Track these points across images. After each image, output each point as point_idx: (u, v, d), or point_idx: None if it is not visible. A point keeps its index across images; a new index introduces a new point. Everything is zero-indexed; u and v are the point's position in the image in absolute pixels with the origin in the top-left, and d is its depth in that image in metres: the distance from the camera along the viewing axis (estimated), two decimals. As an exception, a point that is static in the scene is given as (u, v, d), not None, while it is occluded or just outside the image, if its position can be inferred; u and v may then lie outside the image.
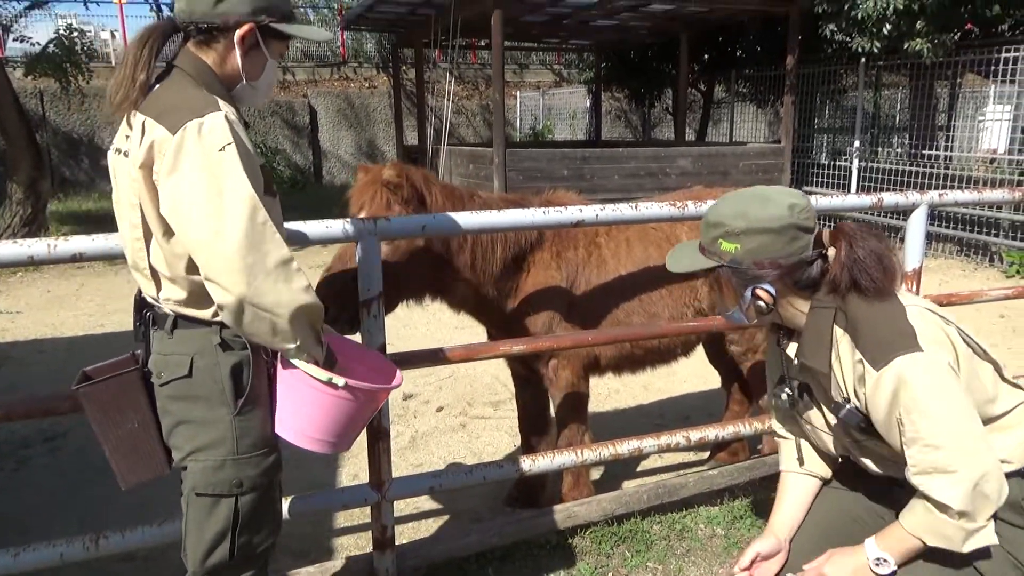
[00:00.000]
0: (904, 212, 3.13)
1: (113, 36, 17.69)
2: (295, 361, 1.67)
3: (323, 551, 3.07)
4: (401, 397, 4.81)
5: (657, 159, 9.64)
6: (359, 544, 3.10)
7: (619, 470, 3.71)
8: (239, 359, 1.69)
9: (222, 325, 1.66)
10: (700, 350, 3.58)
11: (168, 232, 1.60)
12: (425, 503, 3.43)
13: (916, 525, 1.61)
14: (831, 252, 1.72)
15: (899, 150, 10.54)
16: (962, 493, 1.53)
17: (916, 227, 3.10)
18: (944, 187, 9.11)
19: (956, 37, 8.98)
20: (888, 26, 8.82)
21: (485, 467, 2.72)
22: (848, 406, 1.71)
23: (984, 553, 1.64)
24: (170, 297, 1.66)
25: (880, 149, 10.62)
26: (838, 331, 1.70)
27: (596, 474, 3.63)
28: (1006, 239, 8.82)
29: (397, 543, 2.67)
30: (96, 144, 16.06)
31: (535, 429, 3.31)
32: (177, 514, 1.92)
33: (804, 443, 2.02)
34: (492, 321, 3.02)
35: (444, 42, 9.32)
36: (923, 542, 1.61)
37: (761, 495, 3.22)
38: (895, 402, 1.59)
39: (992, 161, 10.02)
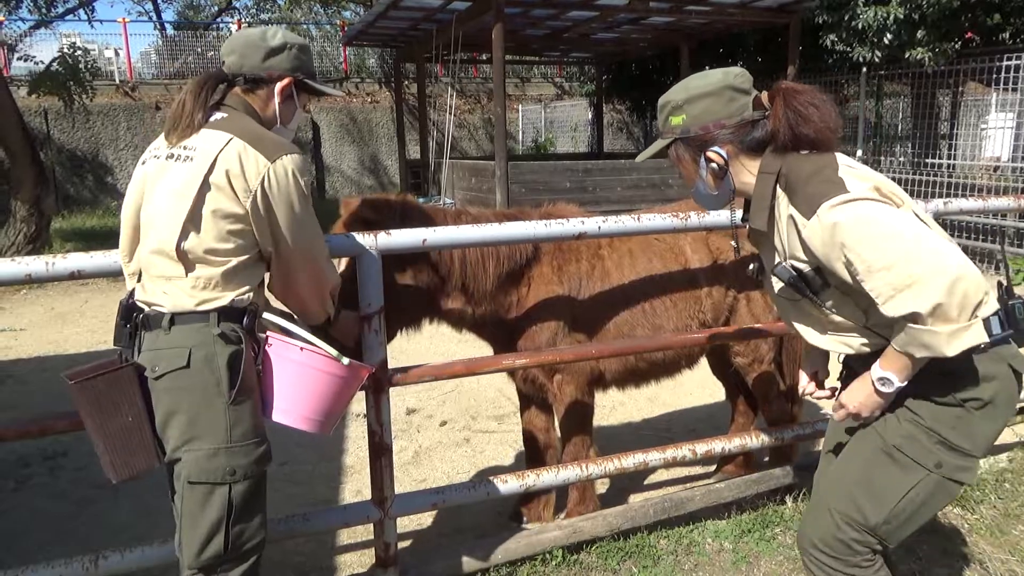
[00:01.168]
0: (909, 221, 3.11)
1: (117, 54, 17.81)
2: (310, 338, 1.92)
3: (325, 569, 3.04)
4: (404, 412, 4.78)
5: (659, 170, 9.64)
6: (362, 561, 3.06)
7: (625, 484, 3.67)
8: (235, 351, 1.84)
9: (220, 317, 1.83)
10: (705, 362, 3.55)
11: (230, 225, 1.84)
12: (428, 519, 3.40)
13: (902, 342, 1.65)
14: (777, 106, 1.78)
15: (902, 159, 10.52)
16: (924, 298, 1.55)
17: (921, 236, 3.09)
18: (947, 195, 9.08)
19: (957, 46, 8.99)
20: (889, 35, 8.85)
21: (489, 483, 2.69)
22: (783, 263, 1.79)
23: (904, 435, 1.75)
24: (201, 276, 1.84)
25: (883, 158, 10.59)
26: (779, 192, 1.78)
27: (602, 488, 3.59)
28: (1011, 247, 8.77)
29: (400, 560, 2.63)
30: (100, 161, 16.15)
31: (540, 443, 3.28)
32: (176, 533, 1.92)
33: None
34: (495, 337, 2.99)
35: (446, 56, 9.36)
36: (912, 357, 1.66)
37: (769, 508, 3.18)
38: (833, 244, 1.63)
39: (995, 169, 9.99)
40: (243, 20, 23.87)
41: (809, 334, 1.89)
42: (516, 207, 3.97)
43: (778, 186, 1.77)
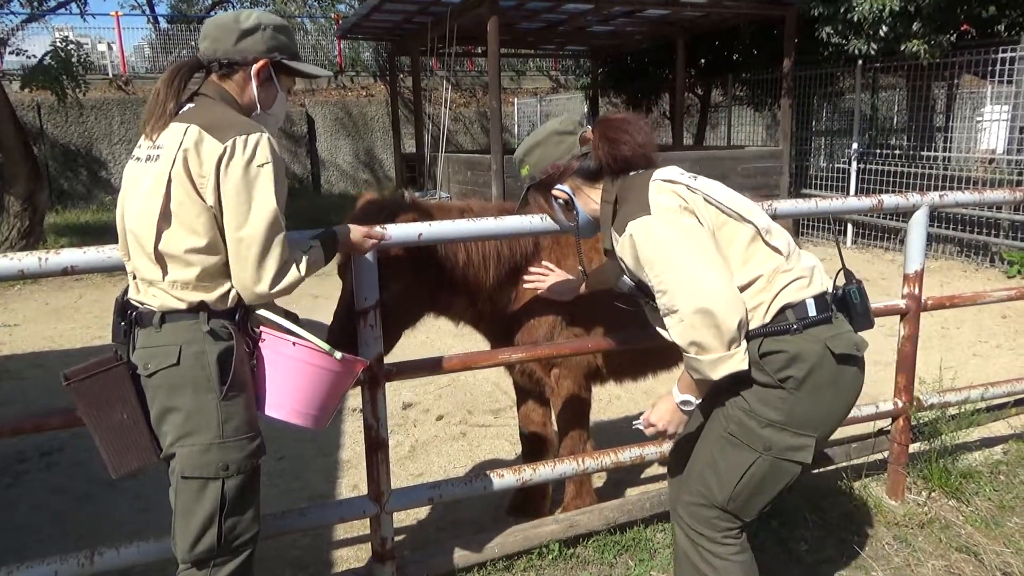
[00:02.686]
0: (905, 214, 3.12)
1: (110, 48, 17.70)
2: (303, 333, 1.90)
3: (322, 563, 3.04)
4: (400, 406, 4.78)
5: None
6: (358, 556, 3.07)
7: (622, 477, 3.68)
8: (225, 347, 1.84)
9: (210, 315, 1.83)
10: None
11: (197, 219, 1.78)
12: (425, 513, 3.40)
13: (684, 364, 1.87)
14: (595, 138, 2.00)
15: (897, 152, 10.52)
16: (683, 328, 1.76)
17: (917, 229, 3.09)
18: (943, 188, 9.10)
19: (952, 38, 8.98)
20: (884, 28, 8.83)
21: (486, 477, 2.69)
22: (623, 276, 2.03)
23: (734, 422, 1.90)
24: (177, 279, 1.81)
25: (878, 151, 10.60)
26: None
27: (598, 482, 3.59)
28: (1006, 239, 8.80)
29: (397, 554, 2.63)
30: (94, 156, 16.06)
31: (536, 437, 3.28)
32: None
33: None
34: (493, 332, 2.99)
35: (441, 50, 9.33)
36: (694, 377, 1.86)
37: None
38: (636, 260, 1.85)
39: (991, 162, 10.01)
40: (237, 13, 23.70)
41: (667, 334, 1.98)
42: (511, 202, 3.96)
43: (615, 209, 1.98)
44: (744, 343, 1.77)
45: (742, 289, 1.85)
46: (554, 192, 2.09)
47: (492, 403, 4.86)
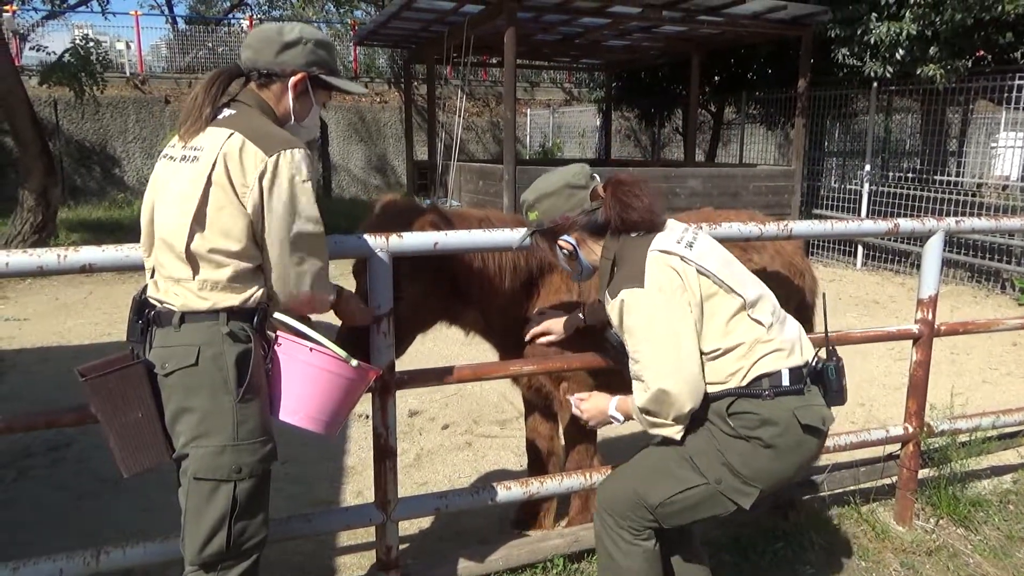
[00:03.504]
0: (919, 238, 3.11)
1: (128, 47, 17.85)
2: (320, 339, 1.91)
3: (325, 570, 3.03)
4: (407, 414, 4.77)
5: (667, 179, 9.62)
6: (361, 564, 3.05)
7: (626, 493, 3.66)
8: (244, 349, 1.85)
9: (230, 316, 1.84)
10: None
11: (234, 224, 1.82)
12: (428, 522, 3.38)
13: (633, 405, 2.07)
14: (606, 197, 2.10)
15: (910, 175, 10.50)
16: (645, 399, 1.99)
17: (933, 253, 3.08)
18: (955, 213, 9.06)
19: (969, 63, 8.98)
20: (901, 51, 8.84)
21: (493, 489, 2.67)
22: (612, 330, 2.19)
23: (698, 450, 2.05)
24: (208, 279, 1.83)
25: (891, 173, 10.58)
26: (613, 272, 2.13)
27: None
28: (1018, 266, 8.76)
29: (401, 563, 2.62)
30: (108, 153, 16.17)
31: (543, 450, 3.27)
32: (178, 529, 1.94)
33: None
34: (503, 343, 2.98)
35: (456, 59, 9.37)
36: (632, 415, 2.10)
37: (769, 522, 3.16)
38: (620, 324, 2.04)
39: (1004, 188, 9.98)
40: (255, 16, 23.92)
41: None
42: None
43: (614, 267, 2.11)
44: (681, 425, 2.01)
45: (723, 353, 2.02)
46: (560, 243, 2.19)
47: (498, 414, 4.85)
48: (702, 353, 2.01)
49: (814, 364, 2.12)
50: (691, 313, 1.99)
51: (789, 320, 2.19)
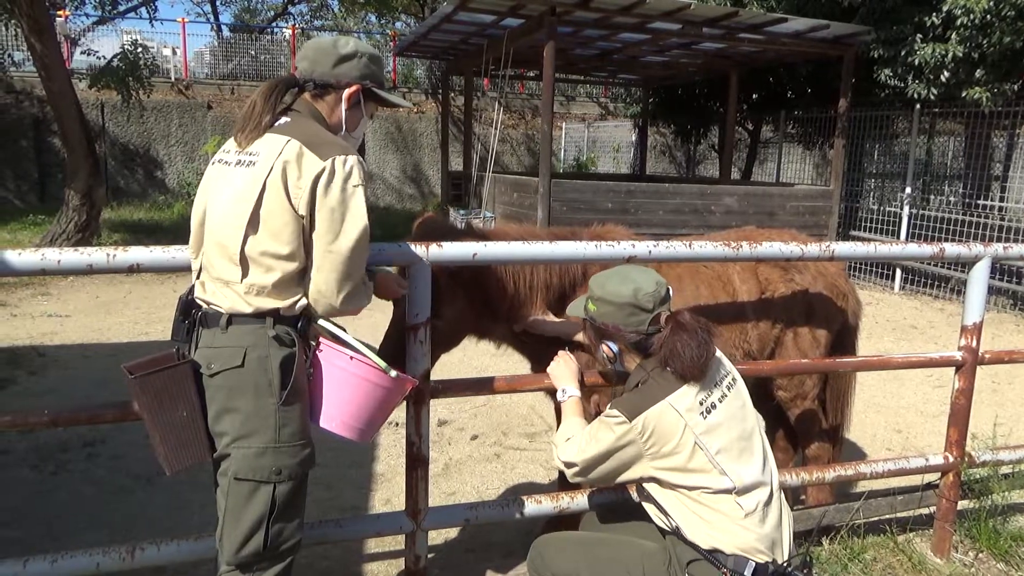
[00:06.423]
0: (962, 263, 3.04)
1: (174, 52, 18.26)
2: (361, 348, 1.95)
3: (352, 576, 3.04)
4: (436, 423, 4.78)
5: (703, 196, 9.56)
6: (388, 571, 3.06)
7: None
8: (289, 353, 1.89)
9: (276, 320, 1.87)
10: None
11: (285, 227, 1.85)
12: (456, 533, 3.38)
13: (561, 432, 2.30)
14: (663, 333, 2.11)
15: (952, 199, 10.30)
16: (557, 452, 2.25)
17: (978, 280, 3.01)
18: (998, 239, 8.86)
19: (1016, 86, 8.80)
20: (946, 73, 8.69)
21: (522, 502, 2.66)
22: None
23: (655, 570, 2.15)
24: (255, 283, 1.86)
25: (932, 197, 10.39)
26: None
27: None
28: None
29: (428, 573, 2.62)
30: (151, 156, 16.53)
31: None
32: (209, 528, 1.97)
33: None
34: (535, 356, 2.97)
35: (494, 71, 9.43)
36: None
37: (805, 548, 3.10)
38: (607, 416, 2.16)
39: (1050, 214, 9.73)
40: (297, 26, 24.34)
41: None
42: (560, 226, 3.96)
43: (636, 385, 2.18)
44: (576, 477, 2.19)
45: (698, 519, 2.08)
46: (604, 345, 2.27)
47: (528, 426, 4.84)
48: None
49: (784, 565, 2.10)
50: (646, 462, 2.07)
51: (783, 517, 2.18)
